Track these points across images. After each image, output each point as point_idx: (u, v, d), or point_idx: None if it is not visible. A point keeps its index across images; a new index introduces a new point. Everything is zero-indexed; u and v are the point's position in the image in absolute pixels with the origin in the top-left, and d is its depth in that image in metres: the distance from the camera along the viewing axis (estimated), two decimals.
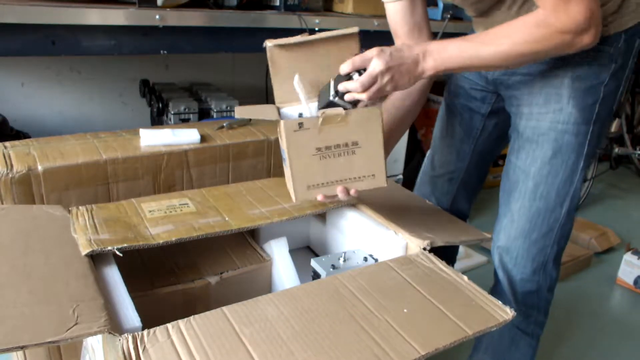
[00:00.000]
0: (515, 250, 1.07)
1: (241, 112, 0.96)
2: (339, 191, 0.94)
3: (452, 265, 1.33)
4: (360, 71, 0.88)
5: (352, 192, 0.95)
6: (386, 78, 0.87)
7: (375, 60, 0.85)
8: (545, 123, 1.01)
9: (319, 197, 0.94)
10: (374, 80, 0.86)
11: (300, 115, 1.00)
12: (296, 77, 0.96)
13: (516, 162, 1.06)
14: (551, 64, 0.99)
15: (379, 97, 0.91)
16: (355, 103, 0.91)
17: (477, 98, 1.18)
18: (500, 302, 0.80)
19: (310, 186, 0.95)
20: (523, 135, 1.04)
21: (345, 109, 0.90)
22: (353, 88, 0.87)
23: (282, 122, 0.89)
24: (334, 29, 0.97)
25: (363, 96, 0.87)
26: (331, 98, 0.91)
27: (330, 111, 0.90)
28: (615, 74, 0.98)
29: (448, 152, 1.26)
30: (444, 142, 1.27)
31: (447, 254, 1.13)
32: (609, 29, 0.94)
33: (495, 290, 1.15)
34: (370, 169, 0.95)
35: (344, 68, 0.88)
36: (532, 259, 1.06)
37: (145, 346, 0.64)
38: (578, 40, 0.83)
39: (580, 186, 1.04)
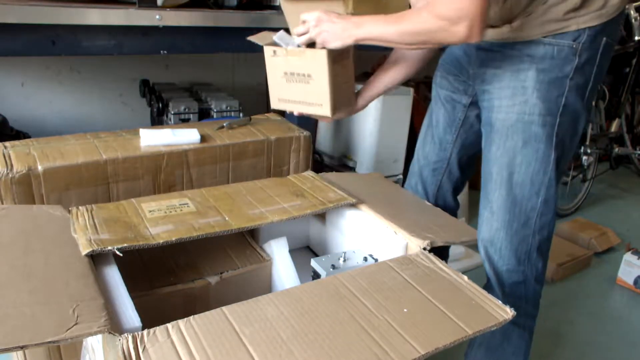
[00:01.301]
0: (498, 242, 1.10)
1: (255, 38, 1.26)
2: (295, 113, 1.24)
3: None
4: None
5: (304, 113, 1.23)
6: (315, 32, 1.09)
7: (312, 14, 1.10)
8: (513, 115, 1.05)
9: (288, 109, 1.26)
10: (306, 30, 1.11)
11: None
12: (279, 33, 1.22)
13: (490, 155, 1.10)
14: (519, 59, 1.04)
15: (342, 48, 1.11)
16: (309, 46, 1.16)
17: (460, 89, 1.24)
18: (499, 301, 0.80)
19: (280, 99, 1.27)
20: (494, 128, 1.09)
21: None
22: (293, 32, 1.16)
23: (264, 47, 1.21)
24: None
25: (296, 39, 1.15)
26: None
27: (294, 47, 1.19)
28: (581, 68, 1.02)
29: (432, 142, 1.31)
30: (429, 133, 1.33)
31: (439, 252, 1.15)
32: (570, 24, 1.00)
33: (486, 286, 1.16)
34: (319, 99, 1.20)
35: (301, 19, 1.13)
36: (515, 250, 1.09)
37: (145, 346, 0.64)
38: (454, 30, 0.93)
39: (557, 177, 1.07)
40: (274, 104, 1.28)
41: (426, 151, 1.33)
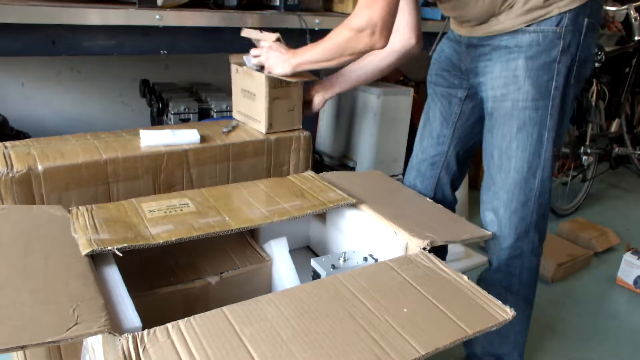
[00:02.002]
0: (499, 220, 1.18)
1: (233, 57, 1.47)
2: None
3: (444, 259, 1.46)
4: None
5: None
6: (264, 57, 1.30)
7: (268, 43, 1.31)
8: (508, 103, 1.12)
9: (242, 121, 1.47)
10: (259, 54, 1.32)
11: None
12: (248, 55, 1.38)
13: (490, 140, 1.19)
14: (507, 49, 1.11)
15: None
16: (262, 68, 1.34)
17: (456, 84, 1.31)
18: (496, 299, 0.80)
19: (238, 111, 1.49)
20: (492, 116, 1.17)
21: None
22: (251, 52, 1.36)
23: (231, 65, 1.45)
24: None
25: (251, 60, 1.36)
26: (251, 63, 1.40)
27: (249, 68, 1.38)
28: (567, 50, 1.08)
29: (429, 136, 1.38)
30: (427, 128, 1.39)
31: (438, 247, 1.21)
32: (552, 10, 1.06)
33: (489, 261, 1.26)
34: (258, 116, 1.38)
35: (260, 43, 1.34)
36: (515, 228, 1.17)
37: (145, 346, 0.64)
38: (359, 37, 1.07)
39: (552, 157, 1.15)
40: (235, 115, 1.50)
41: (424, 146, 1.39)
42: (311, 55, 1.20)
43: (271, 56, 1.28)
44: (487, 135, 1.20)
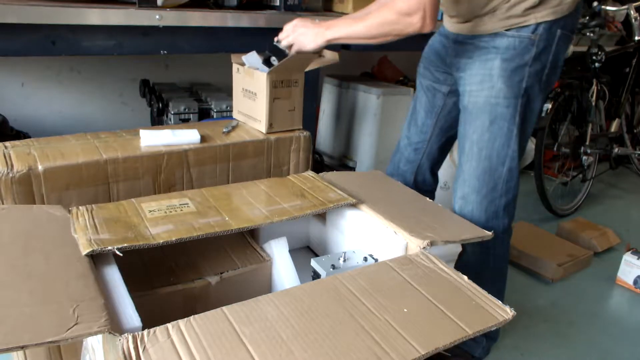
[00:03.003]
0: (470, 204, 1.29)
1: (234, 56, 1.47)
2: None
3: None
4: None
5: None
6: (293, 36, 1.27)
7: (291, 22, 1.28)
8: (482, 98, 1.22)
9: (242, 121, 1.49)
10: (287, 35, 1.28)
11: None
12: (249, 54, 1.41)
13: (464, 132, 1.28)
14: (486, 50, 1.21)
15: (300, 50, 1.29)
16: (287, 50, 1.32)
17: (440, 79, 1.41)
18: (499, 301, 0.80)
19: (239, 111, 1.50)
20: (467, 109, 1.26)
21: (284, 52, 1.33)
22: (279, 37, 1.33)
23: (233, 64, 1.46)
24: None
25: (282, 38, 1.30)
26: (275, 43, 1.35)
27: (252, 67, 1.39)
28: (538, 56, 1.18)
29: (414, 125, 1.50)
30: (413, 117, 1.50)
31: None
32: (529, 19, 1.16)
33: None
34: (259, 116, 1.40)
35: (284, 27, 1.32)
36: (485, 210, 1.28)
37: (145, 346, 0.64)
38: (409, 21, 1.09)
39: (519, 149, 1.25)
40: (235, 114, 1.52)
41: (409, 133, 1.51)
42: (352, 31, 1.18)
43: (300, 32, 1.25)
44: (461, 127, 1.29)
